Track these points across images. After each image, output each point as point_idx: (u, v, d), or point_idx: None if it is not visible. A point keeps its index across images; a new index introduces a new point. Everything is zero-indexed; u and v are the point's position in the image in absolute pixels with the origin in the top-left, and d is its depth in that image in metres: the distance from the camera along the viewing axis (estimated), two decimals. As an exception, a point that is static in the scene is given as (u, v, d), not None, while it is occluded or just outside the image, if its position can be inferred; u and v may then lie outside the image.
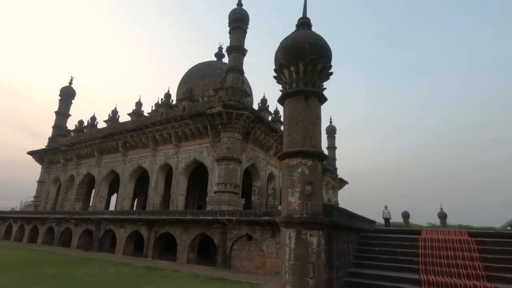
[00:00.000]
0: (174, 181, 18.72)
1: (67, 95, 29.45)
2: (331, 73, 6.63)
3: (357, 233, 9.49)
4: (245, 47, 17.87)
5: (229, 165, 15.97)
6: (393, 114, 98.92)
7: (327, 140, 30.86)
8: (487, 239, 8.45)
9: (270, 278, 10.84)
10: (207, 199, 16.60)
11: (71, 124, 29.59)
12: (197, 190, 23.43)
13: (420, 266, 7.65)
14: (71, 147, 25.00)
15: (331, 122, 31.17)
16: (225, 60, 20.98)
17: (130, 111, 22.62)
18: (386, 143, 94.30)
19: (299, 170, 6.19)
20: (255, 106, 20.28)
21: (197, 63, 26.17)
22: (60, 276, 9.44)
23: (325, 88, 6.68)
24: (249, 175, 19.49)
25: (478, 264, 7.31)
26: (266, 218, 12.08)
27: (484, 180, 69.14)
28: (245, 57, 17.71)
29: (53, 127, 28.56)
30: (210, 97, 18.67)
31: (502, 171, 68.48)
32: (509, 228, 9.79)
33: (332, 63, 6.55)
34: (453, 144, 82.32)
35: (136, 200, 27.49)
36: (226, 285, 9.00)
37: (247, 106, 16.18)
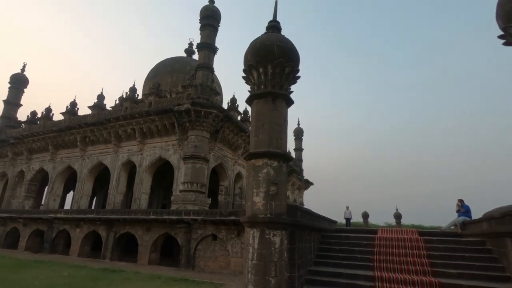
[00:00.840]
0: (137, 179, 17.99)
1: (18, 83, 26.86)
2: (299, 77, 6.82)
3: (319, 233, 9.83)
4: (216, 45, 17.71)
5: (196, 164, 15.72)
6: (355, 118, 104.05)
7: (295, 142, 31.63)
8: (433, 238, 9.19)
9: (234, 278, 10.87)
10: (172, 198, 16.19)
11: (22, 115, 27.15)
12: (161, 189, 22.74)
13: (375, 264, 8.10)
14: (21, 140, 22.94)
15: (298, 124, 32.01)
16: (195, 56, 20.57)
17: (91, 104, 21.34)
18: (349, 146, 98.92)
19: (265, 170, 6.28)
20: (225, 105, 20.20)
21: (165, 58, 25.39)
22: (4, 281, 8.62)
23: (292, 91, 6.85)
24: (216, 174, 19.34)
25: (425, 261, 7.91)
26: (232, 218, 12.10)
27: (436, 183, 75.31)
28: (215, 55, 17.55)
29: (1, 117, 25.96)
30: (179, 94, 18.23)
31: (453, 175, 75.13)
32: (452, 227, 10.72)
33: (300, 67, 6.75)
34: (411, 149, 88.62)
35: (95, 198, 25.96)
36: (188, 286, 8.85)
37: (216, 104, 16.04)
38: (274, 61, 6.26)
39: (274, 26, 6.99)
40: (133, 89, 20.33)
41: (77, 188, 20.28)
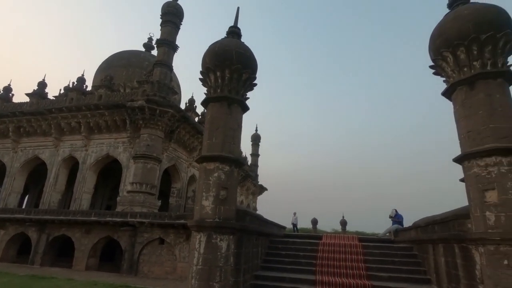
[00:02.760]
0: (79, 177, 16.56)
1: None
2: (255, 84, 6.95)
3: (268, 238, 10.01)
4: (178, 43, 17.24)
5: (147, 164, 15.00)
6: (311, 128, 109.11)
7: (252, 147, 31.95)
8: (370, 244, 9.94)
9: (179, 284, 10.52)
10: (118, 199, 15.21)
11: None
12: (107, 189, 21.21)
13: (317, 268, 8.47)
14: None
15: (256, 130, 32.42)
16: (155, 52, 19.76)
17: (30, 91, 19.19)
18: (304, 154, 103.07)
19: (216, 174, 6.24)
20: (182, 106, 19.66)
21: (121, 50, 23.94)
22: None
23: (248, 98, 6.96)
24: (169, 176, 18.66)
25: (362, 265, 8.51)
26: (181, 221, 11.74)
27: (379, 192, 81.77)
28: (176, 53, 17.06)
29: None
30: (133, 89, 17.29)
31: (395, 187, 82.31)
32: (387, 234, 11.73)
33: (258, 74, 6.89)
34: (358, 160, 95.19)
35: (26, 197, 23.21)
36: (127, 293, 8.34)
37: (173, 104, 15.55)
38: (232, 66, 6.30)
39: (234, 32, 7.06)
40: (81, 80, 18.75)
41: (5, 184, 17.97)
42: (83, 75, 19.13)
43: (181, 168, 18.70)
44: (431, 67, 6.05)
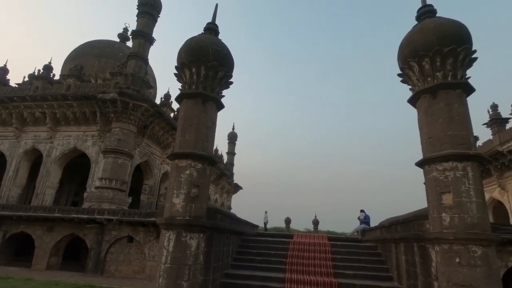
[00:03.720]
0: (43, 171, 15.61)
1: None
2: (231, 83, 6.93)
3: (239, 236, 10.04)
4: (154, 36, 16.73)
5: (118, 159, 14.46)
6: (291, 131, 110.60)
7: (228, 145, 31.79)
8: (338, 243, 10.28)
9: (148, 283, 10.25)
10: (86, 195, 14.54)
11: None
12: (73, 184, 20.18)
13: (287, 266, 8.63)
14: None
15: (233, 129, 32.30)
16: (130, 44, 19.04)
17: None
18: (280, 155, 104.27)
19: (188, 172, 6.16)
20: (158, 101, 19.14)
21: (95, 39, 22.81)
22: None
23: (224, 96, 6.92)
24: (141, 172, 18.11)
25: (329, 263, 8.78)
26: (152, 219, 11.45)
27: (350, 194, 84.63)
28: (152, 46, 16.56)
29: None
30: (106, 81, 16.57)
31: (367, 188, 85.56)
32: (355, 234, 12.21)
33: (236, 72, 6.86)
34: (334, 162, 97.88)
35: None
36: (91, 293, 8.00)
37: (147, 98, 15.09)
38: (208, 63, 6.24)
39: (211, 29, 6.99)
40: (48, 67, 17.62)
41: (-45, 176, 16.54)
42: (50, 62, 17.99)
43: (154, 165, 18.21)
44: (399, 75, 6.37)
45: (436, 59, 5.53)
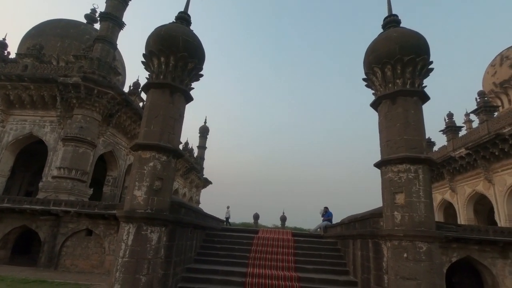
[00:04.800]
0: (-9, 157, 14.34)
1: None
2: (201, 75, 6.81)
3: (204, 231, 9.99)
4: (125, 21, 15.92)
5: (79, 148, 13.68)
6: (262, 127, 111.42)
7: (199, 139, 31.29)
8: (301, 238, 10.61)
9: (106, 278, 9.87)
10: (41, 184, 13.62)
11: None
12: (28, 172, 18.78)
13: (250, 261, 8.74)
14: None
15: (205, 122, 31.81)
16: (98, 27, 17.93)
17: None
18: (252, 152, 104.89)
19: (151, 164, 5.99)
20: (126, 89, 18.34)
21: (57, 18, 21.17)
22: None
23: (193, 88, 6.78)
24: (105, 163, 17.29)
25: (292, 258, 9.04)
26: (113, 211, 11.01)
27: (318, 191, 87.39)
28: (122, 31, 15.76)
29: None
30: (69, 64, 15.52)
31: (333, 186, 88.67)
32: (318, 230, 12.66)
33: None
34: (303, 160, 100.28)
35: None
36: (42, 289, 7.55)
37: (114, 85, 14.38)
38: (177, 54, 6.07)
39: (183, 18, 6.79)
40: (2, 44, 16.12)
41: None
42: (5, 39, 16.46)
43: (119, 155, 17.47)
44: (364, 79, 6.67)
45: (397, 67, 5.87)
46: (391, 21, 6.55)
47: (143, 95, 19.23)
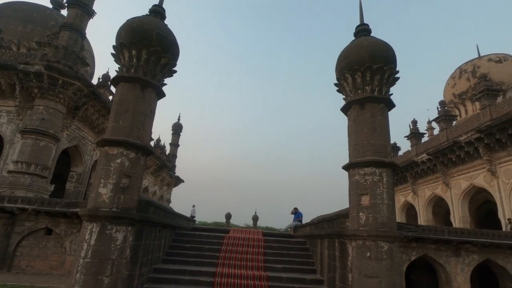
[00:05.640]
0: None
1: None
2: (175, 71, 6.65)
3: (173, 230, 9.78)
4: (96, 10, 15.13)
5: (40, 141, 12.79)
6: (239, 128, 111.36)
7: (172, 136, 30.49)
8: (272, 238, 10.74)
9: (65, 280, 9.32)
10: (-6, 179, 12.55)
11: None
12: (-20, 166, 17.21)
13: (220, 261, 8.71)
14: None
15: (179, 119, 31.04)
16: (65, 13, 16.85)
17: None
18: (227, 152, 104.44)
19: (119, 160, 5.75)
20: (95, 81, 17.44)
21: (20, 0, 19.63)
22: None
23: (165, 84, 6.61)
24: (68, 158, 16.32)
25: (261, 258, 9.13)
26: (76, 210, 10.42)
27: (291, 191, 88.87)
28: (92, 19, 14.95)
29: None
30: (31, 50, 14.46)
31: (305, 187, 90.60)
32: (289, 230, 12.88)
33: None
34: (276, 159, 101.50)
35: None
36: (-10, 293, 6.98)
37: (81, 76, 13.60)
38: (150, 48, 5.88)
39: (157, 11, 6.59)
40: (-46, 25, 14.66)
41: None
42: (-43, 20, 14.97)
43: (85, 151, 16.58)
44: (335, 84, 6.90)
45: (367, 74, 6.14)
46: (363, 30, 6.84)
47: (113, 89, 18.43)
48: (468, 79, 25.75)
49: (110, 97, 17.42)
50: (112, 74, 19.20)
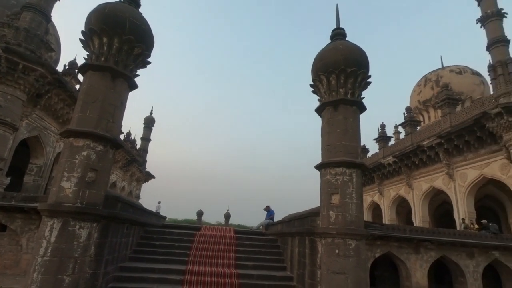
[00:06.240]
0: None
1: None
2: (149, 63, 6.37)
3: (143, 227, 9.47)
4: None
5: (-5, 130, 11.76)
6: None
7: (143, 130, 29.38)
8: (243, 236, 10.75)
9: (21, 280, 8.67)
10: None
11: None
12: None
13: (190, 258, 8.56)
14: None
15: (151, 113, 29.93)
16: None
17: None
18: (197, 146, 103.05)
19: (85, 153, 5.43)
20: (61, 68, 16.35)
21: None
22: None
23: (138, 75, 6.33)
24: (28, 149, 15.16)
25: (232, 255, 9.10)
26: (35, 204, 9.71)
27: (263, 189, 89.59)
28: (58, 2, 13.96)
29: None
30: (-13, 31, 13.19)
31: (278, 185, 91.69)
32: (260, 227, 12.97)
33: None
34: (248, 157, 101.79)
35: None
36: None
37: (45, 62, 12.67)
38: (123, 36, 5.59)
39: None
40: None
41: None
42: None
43: (47, 142, 15.50)
44: (311, 85, 7.04)
45: (341, 77, 6.33)
46: (338, 34, 7.03)
47: (81, 77, 17.38)
48: (432, 88, 27.49)
49: (77, 86, 16.41)
50: (80, 62, 18.12)
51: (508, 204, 18.05)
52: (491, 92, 16.93)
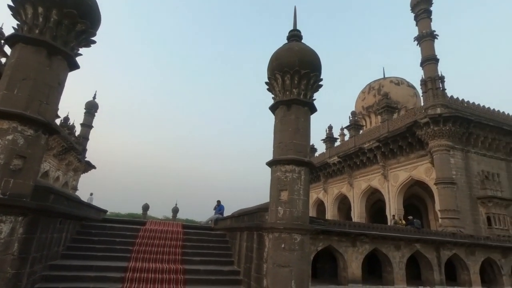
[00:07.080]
0: None
1: None
2: (93, 42, 5.73)
3: (79, 222, 8.68)
4: None
5: None
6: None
7: (84, 116, 26.68)
8: (191, 231, 10.54)
9: None
10: None
11: None
12: None
13: (133, 255, 8.10)
14: None
15: (94, 98, 27.25)
16: None
17: None
18: (143, 138, 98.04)
19: (10, 137, 4.73)
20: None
21: None
22: None
23: (81, 54, 5.70)
24: None
25: (179, 251, 8.85)
26: None
27: (213, 185, 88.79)
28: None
29: None
30: None
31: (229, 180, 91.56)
32: (209, 222, 12.85)
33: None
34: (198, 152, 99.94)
35: None
36: None
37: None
38: (64, 9, 4.92)
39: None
40: None
41: None
42: None
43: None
44: (266, 83, 7.15)
45: (295, 77, 6.54)
46: (295, 35, 7.26)
47: (8, 50, 15.09)
48: (374, 95, 30.10)
49: (3, 60, 14.24)
50: (8, 32, 15.85)
51: (429, 202, 20.71)
52: (422, 104, 19.16)
